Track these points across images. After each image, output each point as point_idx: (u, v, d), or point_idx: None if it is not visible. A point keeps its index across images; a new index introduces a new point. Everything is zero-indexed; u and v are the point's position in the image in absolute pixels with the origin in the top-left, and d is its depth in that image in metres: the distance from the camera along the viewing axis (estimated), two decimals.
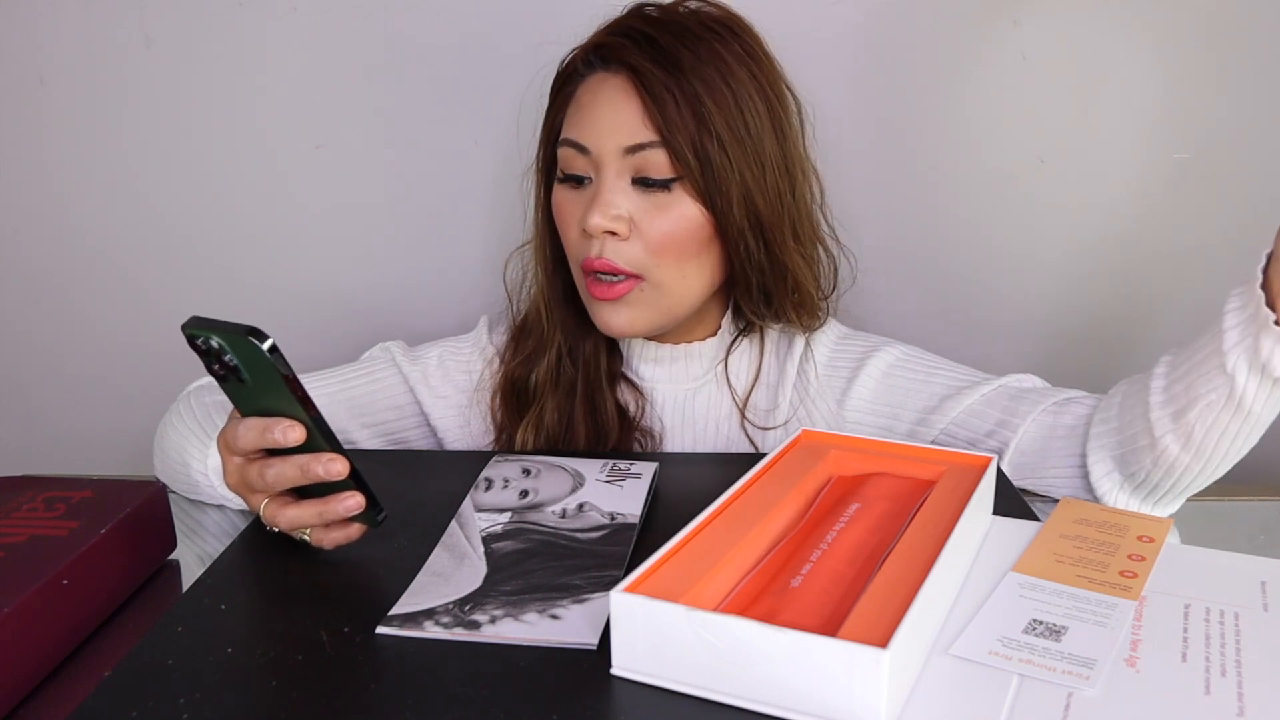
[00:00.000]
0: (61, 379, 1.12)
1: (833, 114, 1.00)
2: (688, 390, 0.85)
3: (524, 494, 0.65)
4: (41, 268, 1.09)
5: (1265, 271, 0.67)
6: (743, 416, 0.84)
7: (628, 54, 0.73)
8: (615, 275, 0.75)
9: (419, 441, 0.87)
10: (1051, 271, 1.07)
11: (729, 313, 0.85)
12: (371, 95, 1.03)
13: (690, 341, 0.84)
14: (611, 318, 0.77)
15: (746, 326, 0.86)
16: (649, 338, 0.83)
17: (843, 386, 0.85)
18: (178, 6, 1.01)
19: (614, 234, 0.74)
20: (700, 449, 0.85)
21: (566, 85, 0.79)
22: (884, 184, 1.05)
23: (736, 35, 0.76)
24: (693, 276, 0.77)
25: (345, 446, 0.83)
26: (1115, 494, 0.72)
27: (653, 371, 0.85)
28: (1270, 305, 0.65)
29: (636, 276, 0.75)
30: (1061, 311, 1.08)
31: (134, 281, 1.09)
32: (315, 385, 0.84)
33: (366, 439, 0.85)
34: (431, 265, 1.09)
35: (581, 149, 0.75)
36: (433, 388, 0.86)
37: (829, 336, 0.87)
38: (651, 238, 0.74)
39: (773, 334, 0.87)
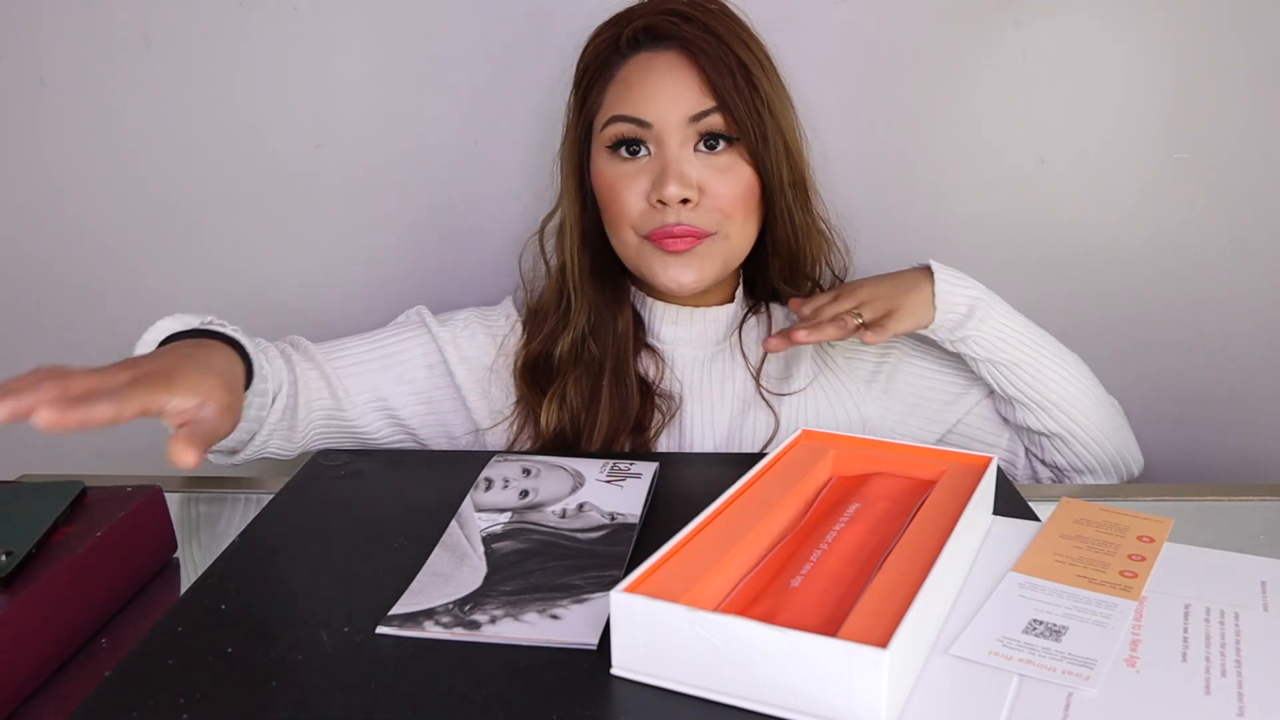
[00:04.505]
0: None
1: (832, 114, 1.00)
2: (705, 355, 0.88)
3: (524, 494, 0.65)
4: (42, 267, 1.08)
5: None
6: (758, 383, 0.88)
7: (677, 29, 0.79)
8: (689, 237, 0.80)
9: (450, 405, 0.87)
10: (1051, 271, 1.07)
11: (740, 289, 0.91)
12: (371, 95, 1.03)
13: (708, 306, 0.88)
14: (682, 273, 0.81)
15: (755, 305, 0.92)
16: (672, 300, 0.87)
17: (871, 368, 0.91)
18: (178, 6, 1.00)
19: (687, 201, 0.78)
20: (720, 412, 0.87)
21: (606, 68, 0.83)
22: (883, 184, 1.05)
23: (732, 13, 0.83)
24: (750, 231, 0.84)
25: (383, 410, 0.85)
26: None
27: (673, 333, 0.88)
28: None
29: (710, 233, 0.80)
30: (1061, 311, 1.07)
31: (134, 281, 1.09)
32: (351, 348, 0.86)
33: (404, 401, 0.85)
34: (430, 264, 1.09)
35: (642, 123, 0.79)
36: (459, 347, 0.87)
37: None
38: (721, 197, 0.80)
39: (779, 315, 0.92)
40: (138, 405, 0.54)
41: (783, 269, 0.89)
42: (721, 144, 0.80)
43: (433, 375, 0.86)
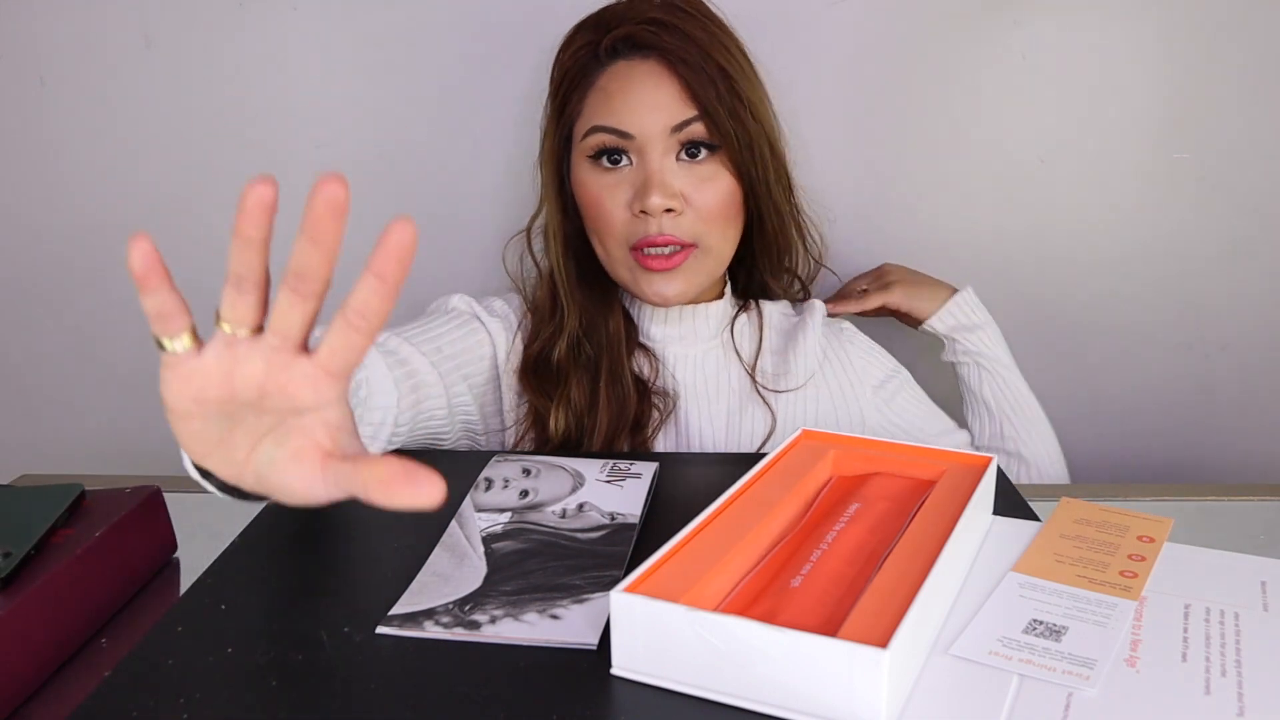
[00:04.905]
0: (61, 379, 1.12)
1: (830, 114, 1.00)
2: (698, 352, 0.88)
3: (524, 494, 0.65)
4: (42, 267, 1.09)
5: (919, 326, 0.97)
6: (753, 379, 0.88)
7: (657, 39, 0.78)
8: (672, 247, 0.79)
9: (491, 397, 0.86)
10: (1050, 271, 1.07)
11: (728, 286, 0.91)
12: (371, 95, 1.03)
13: (696, 303, 0.88)
14: (665, 287, 0.81)
15: (745, 303, 0.92)
16: None
17: (881, 376, 0.92)
18: (178, 6, 1.00)
19: (670, 210, 0.78)
20: (717, 407, 0.87)
21: (584, 75, 0.82)
22: (882, 183, 1.05)
23: (711, 14, 0.82)
24: (730, 239, 0.84)
25: (464, 413, 0.83)
26: None
27: (663, 332, 0.88)
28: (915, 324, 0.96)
29: (692, 245, 0.80)
30: (1061, 311, 1.08)
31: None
32: (435, 340, 0.82)
33: (471, 398, 0.83)
34: (431, 265, 1.08)
35: (623, 134, 0.79)
36: (505, 339, 0.86)
37: (859, 334, 0.96)
38: (703, 207, 0.80)
39: (769, 310, 0.93)
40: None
41: (771, 265, 0.91)
42: (704, 152, 0.79)
43: (490, 370, 0.85)
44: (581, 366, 0.84)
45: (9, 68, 1.02)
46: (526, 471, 0.69)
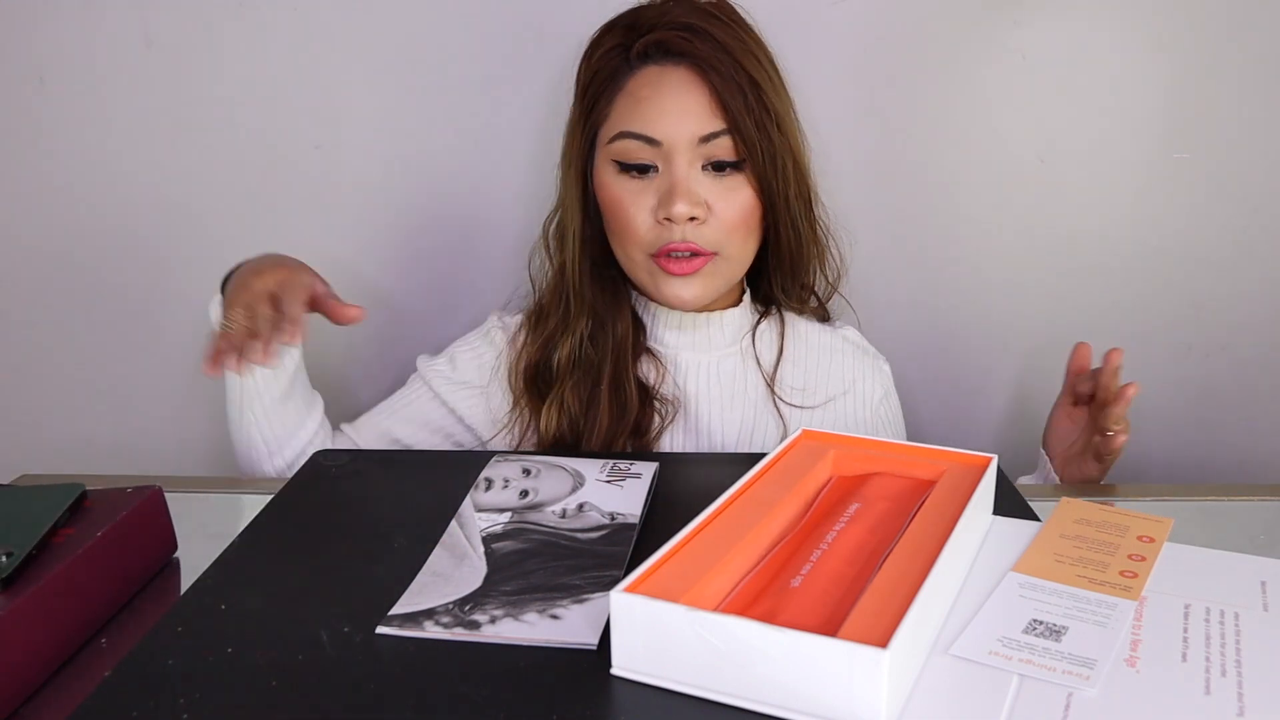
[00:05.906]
0: (61, 380, 1.12)
1: (831, 114, 1.00)
2: (712, 359, 0.88)
3: (524, 494, 0.65)
4: (41, 268, 1.08)
5: (1044, 441, 0.92)
6: (771, 389, 0.88)
7: (690, 46, 0.78)
8: (693, 252, 0.80)
9: (464, 436, 0.90)
10: (1050, 272, 1.07)
11: (747, 293, 0.91)
12: (371, 95, 1.03)
13: (712, 311, 0.88)
14: (683, 290, 0.81)
15: (766, 310, 0.92)
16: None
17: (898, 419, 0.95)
18: (178, 6, 1.00)
19: (694, 219, 0.78)
20: (730, 415, 0.87)
21: (613, 79, 0.81)
22: (883, 184, 1.05)
23: (742, 21, 0.82)
24: (750, 248, 0.84)
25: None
26: None
27: (676, 338, 0.88)
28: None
29: (713, 253, 0.80)
30: (1060, 311, 1.08)
31: (133, 282, 1.09)
32: (378, 419, 0.90)
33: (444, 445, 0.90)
34: (431, 265, 1.09)
35: (651, 141, 0.78)
36: (453, 385, 0.88)
37: (894, 389, 0.96)
38: (726, 218, 0.80)
39: (795, 321, 0.92)
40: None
41: (784, 279, 0.90)
42: (729, 167, 0.80)
43: (447, 424, 0.89)
44: (582, 369, 0.84)
45: (9, 68, 1.02)
46: (526, 471, 0.69)
